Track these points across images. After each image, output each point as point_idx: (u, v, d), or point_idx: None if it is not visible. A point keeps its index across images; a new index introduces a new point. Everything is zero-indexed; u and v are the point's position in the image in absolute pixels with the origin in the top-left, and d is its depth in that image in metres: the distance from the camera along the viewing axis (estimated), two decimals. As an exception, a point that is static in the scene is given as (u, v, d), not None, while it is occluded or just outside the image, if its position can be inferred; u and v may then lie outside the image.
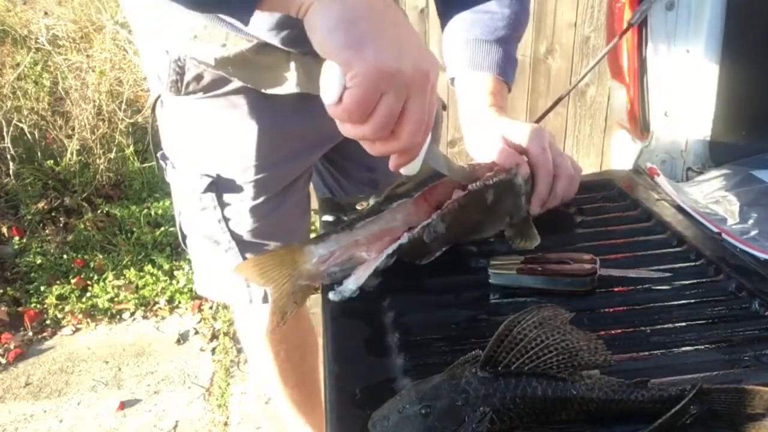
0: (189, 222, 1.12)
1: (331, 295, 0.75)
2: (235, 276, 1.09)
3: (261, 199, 1.04)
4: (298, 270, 0.76)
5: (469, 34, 0.98)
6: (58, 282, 2.48)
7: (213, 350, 2.19)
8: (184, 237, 1.15)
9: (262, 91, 0.98)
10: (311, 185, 1.26)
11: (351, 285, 0.75)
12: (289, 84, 0.97)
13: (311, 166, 1.14)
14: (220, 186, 1.03)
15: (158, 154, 1.10)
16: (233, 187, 1.03)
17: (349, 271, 0.77)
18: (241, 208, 1.05)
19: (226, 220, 1.06)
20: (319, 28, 0.54)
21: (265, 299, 1.13)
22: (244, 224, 1.07)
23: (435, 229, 0.78)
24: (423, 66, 0.56)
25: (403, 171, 0.69)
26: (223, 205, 1.05)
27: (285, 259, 0.76)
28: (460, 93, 1.00)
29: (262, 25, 0.92)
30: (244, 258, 1.08)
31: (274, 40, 0.93)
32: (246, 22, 0.59)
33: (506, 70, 0.98)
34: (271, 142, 1.02)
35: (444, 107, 1.27)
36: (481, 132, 0.92)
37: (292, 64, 0.97)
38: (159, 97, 1.05)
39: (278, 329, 1.25)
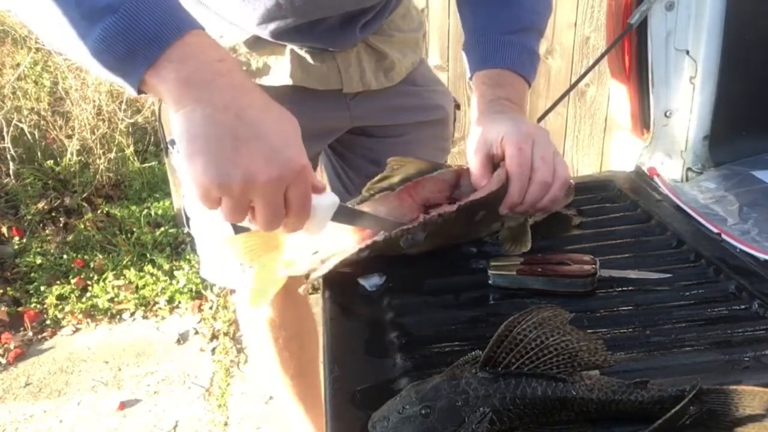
0: (191, 205, 1.14)
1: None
2: (231, 257, 1.11)
3: None
4: (280, 252, 0.77)
5: (483, 30, 0.97)
6: (58, 282, 2.48)
7: (213, 350, 2.19)
8: (187, 219, 1.17)
9: (256, 82, 0.99)
10: (325, 179, 1.28)
11: (319, 273, 0.75)
12: (282, 76, 0.99)
13: (312, 158, 1.14)
14: None
15: (168, 140, 1.12)
16: None
17: (326, 259, 0.77)
18: None
19: None
20: (175, 131, 0.61)
21: None
22: None
23: (414, 237, 0.77)
24: (259, 176, 0.60)
25: (305, 233, 0.70)
26: None
27: (270, 241, 0.79)
28: (473, 90, 0.98)
29: (250, 20, 0.93)
30: None
31: (264, 33, 0.95)
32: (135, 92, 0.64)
33: (522, 62, 0.94)
34: None
35: (458, 107, 1.26)
36: (473, 131, 0.90)
37: (286, 57, 0.98)
38: None
39: (277, 316, 1.26)
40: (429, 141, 1.20)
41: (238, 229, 1.10)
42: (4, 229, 2.74)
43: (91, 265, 2.57)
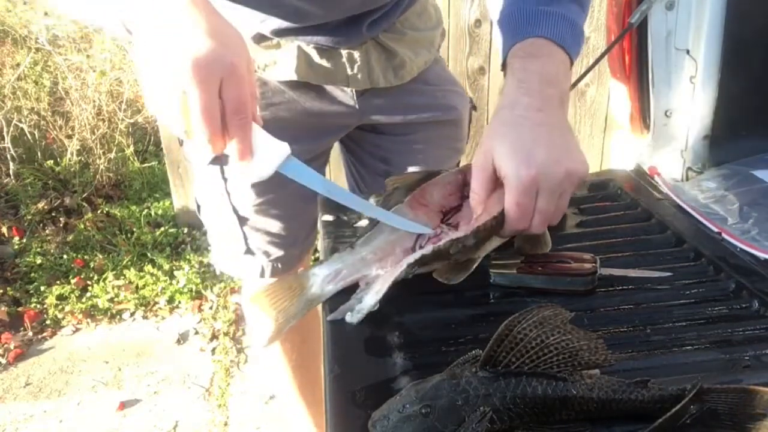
0: (201, 193, 1.16)
1: (348, 317, 0.71)
2: (244, 250, 1.13)
3: None
4: (304, 294, 0.76)
5: (514, 4, 0.83)
6: (58, 282, 2.48)
7: (213, 350, 2.19)
8: (198, 207, 1.19)
9: (264, 75, 1.00)
10: (344, 176, 1.29)
11: (370, 300, 0.71)
12: (287, 71, 0.99)
13: (320, 153, 1.14)
14: (222, 160, 1.05)
15: None
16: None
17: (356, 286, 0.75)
18: (242, 184, 1.07)
19: (228, 193, 1.08)
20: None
21: (274, 273, 1.16)
22: (245, 199, 1.08)
23: (464, 243, 0.73)
24: (199, 59, 0.62)
25: (253, 178, 0.71)
26: (225, 179, 1.07)
27: (292, 285, 0.77)
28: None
29: (254, 20, 0.94)
30: (243, 232, 1.12)
31: (267, 32, 0.96)
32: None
33: (560, 31, 0.79)
34: (266, 124, 1.03)
35: (474, 108, 1.25)
36: (485, 137, 0.76)
37: (292, 53, 0.98)
38: None
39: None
40: (440, 141, 1.19)
41: (245, 229, 1.11)
42: (4, 229, 2.74)
43: (91, 265, 2.57)
